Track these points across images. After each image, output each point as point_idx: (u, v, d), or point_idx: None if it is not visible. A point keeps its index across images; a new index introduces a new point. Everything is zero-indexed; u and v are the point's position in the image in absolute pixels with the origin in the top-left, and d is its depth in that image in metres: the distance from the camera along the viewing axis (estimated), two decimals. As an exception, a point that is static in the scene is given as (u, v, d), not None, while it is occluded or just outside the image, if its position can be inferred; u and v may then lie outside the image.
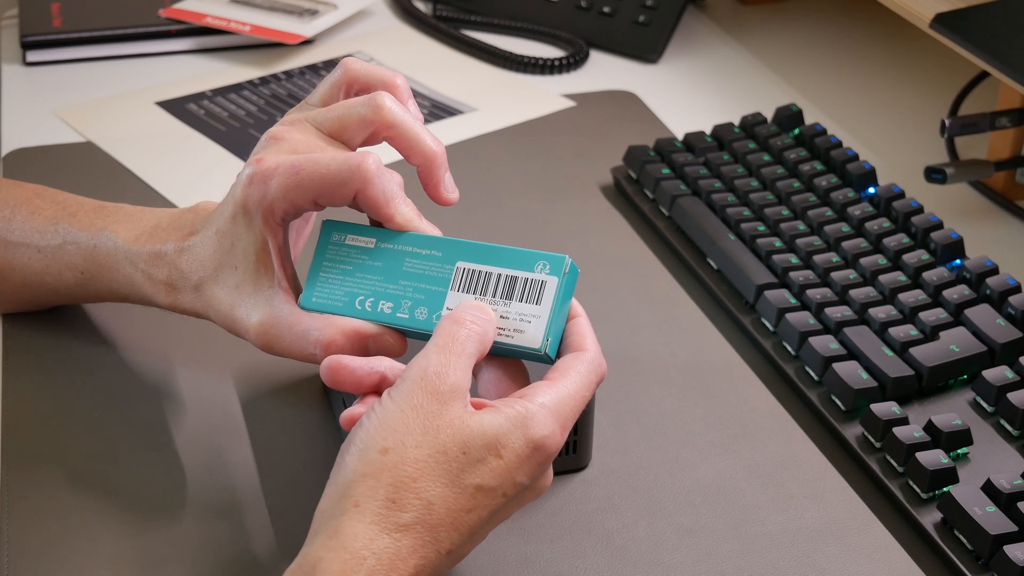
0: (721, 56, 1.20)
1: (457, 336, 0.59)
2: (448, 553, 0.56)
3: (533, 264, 0.63)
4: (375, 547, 0.54)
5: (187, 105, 1.08)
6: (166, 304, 0.70)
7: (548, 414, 0.58)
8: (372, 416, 0.57)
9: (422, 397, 0.57)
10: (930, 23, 0.95)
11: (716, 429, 0.74)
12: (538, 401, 0.59)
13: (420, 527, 0.55)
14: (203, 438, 0.72)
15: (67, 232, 0.74)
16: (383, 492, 0.55)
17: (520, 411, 0.58)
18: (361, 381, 0.61)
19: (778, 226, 0.86)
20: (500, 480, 0.57)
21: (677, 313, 0.83)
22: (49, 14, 1.18)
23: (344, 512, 0.55)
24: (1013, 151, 0.95)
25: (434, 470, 0.56)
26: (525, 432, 0.57)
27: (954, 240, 0.82)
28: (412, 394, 0.57)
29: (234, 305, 0.66)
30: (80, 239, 0.73)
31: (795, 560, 0.65)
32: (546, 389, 0.59)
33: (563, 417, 0.59)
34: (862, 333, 0.76)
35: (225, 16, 1.17)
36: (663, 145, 0.96)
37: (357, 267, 0.65)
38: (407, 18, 1.25)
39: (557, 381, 0.60)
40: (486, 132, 1.05)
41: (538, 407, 0.58)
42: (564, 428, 0.59)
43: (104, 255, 0.72)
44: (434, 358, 0.58)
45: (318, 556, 0.54)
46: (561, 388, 0.60)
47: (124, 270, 0.71)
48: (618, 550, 0.65)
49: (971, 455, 0.69)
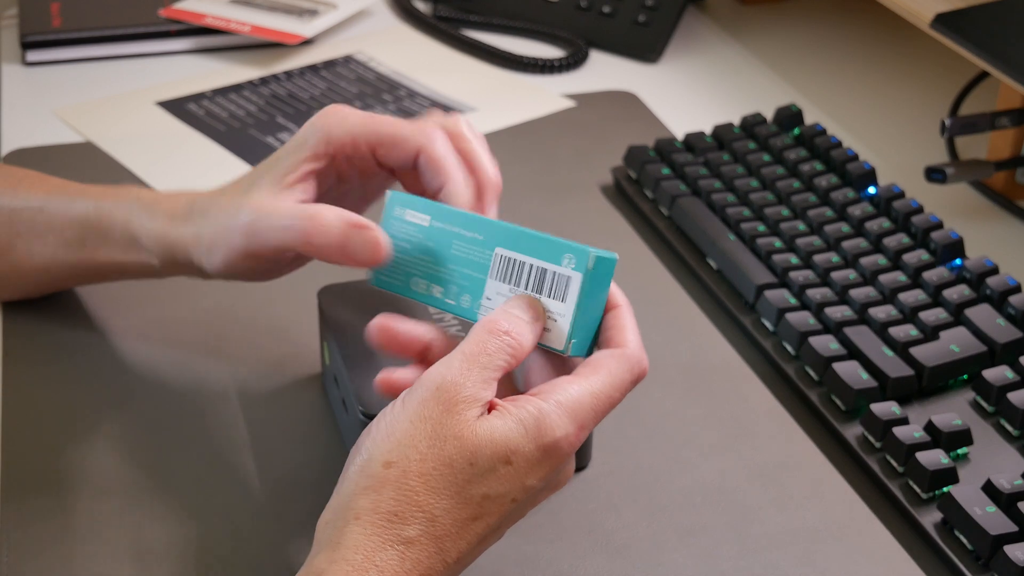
0: (721, 56, 1.20)
1: (487, 348, 0.57)
2: (456, 561, 0.55)
3: (560, 256, 0.59)
4: (378, 560, 0.53)
5: (187, 105, 1.08)
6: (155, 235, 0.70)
7: (563, 413, 0.56)
8: (381, 424, 0.56)
9: (434, 408, 0.55)
10: (930, 23, 0.95)
11: (716, 429, 0.74)
12: (554, 399, 0.56)
13: (424, 539, 0.54)
14: (203, 438, 0.72)
15: (76, 194, 0.75)
16: (385, 506, 0.54)
17: (532, 412, 0.56)
18: (405, 347, 0.60)
19: (778, 226, 0.86)
20: (509, 486, 0.55)
21: (677, 313, 0.83)
22: (49, 14, 1.18)
23: (346, 524, 0.54)
24: (1013, 151, 0.95)
25: (438, 483, 0.54)
26: (537, 435, 0.55)
27: (954, 240, 0.82)
28: (424, 404, 0.55)
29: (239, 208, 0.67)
30: (91, 193, 0.75)
31: (795, 560, 0.65)
32: (566, 386, 0.57)
33: (581, 416, 0.57)
34: (862, 333, 0.76)
35: (225, 16, 1.18)
36: (663, 145, 0.96)
37: (414, 246, 0.64)
38: (407, 18, 1.25)
39: (582, 378, 0.58)
40: (486, 132, 1.04)
41: (553, 406, 0.56)
42: (582, 428, 0.57)
43: (113, 204, 0.73)
44: (456, 367, 0.56)
45: (320, 569, 0.53)
46: (584, 386, 0.57)
47: (125, 212, 0.72)
48: (618, 550, 0.65)
49: (971, 455, 0.69)
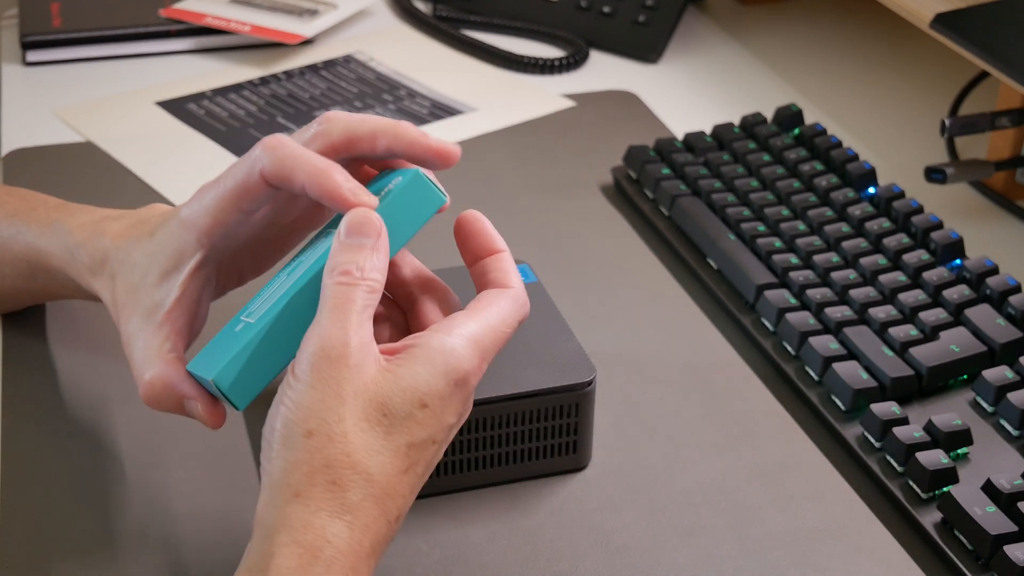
0: (721, 56, 1.20)
1: (347, 296, 0.55)
2: (396, 519, 0.55)
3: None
4: (328, 534, 0.52)
5: (187, 105, 1.08)
6: (86, 288, 0.69)
7: (468, 345, 0.56)
8: (285, 399, 0.54)
9: (328, 368, 0.54)
10: (930, 23, 0.95)
11: (716, 429, 0.74)
12: (456, 333, 0.56)
13: (367, 503, 0.53)
14: (203, 438, 0.72)
15: (21, 225, 0.73)
16: (321, 476, 0.53)
17: (438, 349, 0.55)
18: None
19: (778, 226, 0.86)
20: (430, 429, 0.55)
21: (677, 313, 0.83)
22: (49, 14, 1.18)
23: (287, 503, 0.53)
24: (1013, 151, 0.95)
25: (363, 440, 0.53)
26: (447, 371, 0.55)
27: (954, 240, 0.82)
28: (317, 367, 0.54)
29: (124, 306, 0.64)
30: (31, 230, 0.73)
31: (795, 560, 0.65)
32: (465, 320, 0.57)
33: (483, 348, 0.57)
34: (862, 333, 0.76)
35: (225, 16, 1.18)
36: (663, 145, 0.96)
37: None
38: (407, 18, 1.25)
39: (478, 312, 0.58)
40: (486, 132, 1.05)
41: (457, 339, 0.56)
42: (484, 360, 0.57)
43: (48, 242, 0.71)
44: (327, 324, 0.55)
45: (269, 552, 0.52)
46: (482, 320, 0.57)
47: (59, 254, 0.70)
48: (618, 550, 0.65)
49: (971, 455, 0.69)
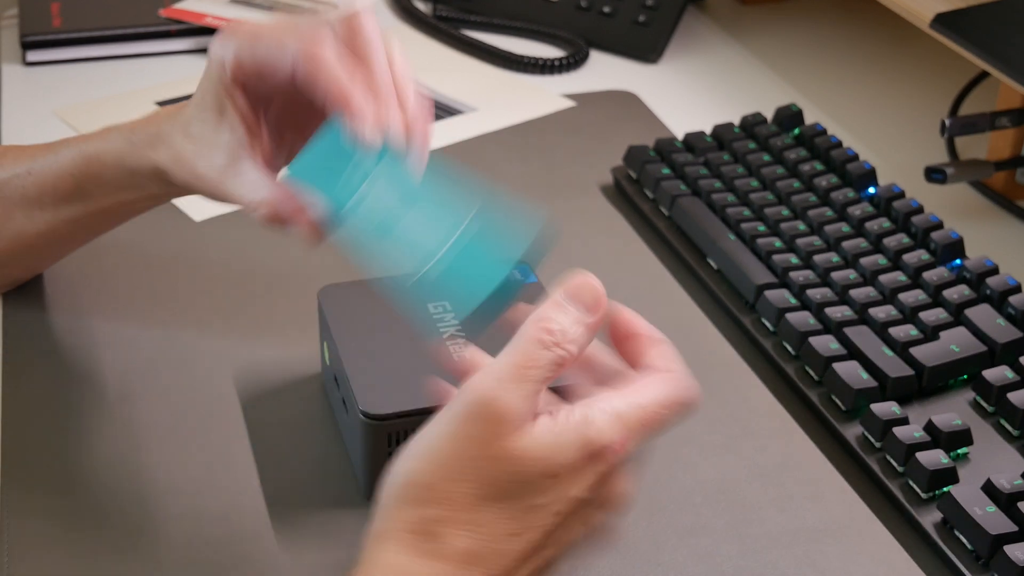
0: (721, 56, 1.20)
1: (536, 360, 0.52)
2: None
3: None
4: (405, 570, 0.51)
5: (187, 105, 1.08)
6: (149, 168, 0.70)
7: (608, 419, 0.52)
8: (421, 439, 0.52)
9: (477, 427, 0.51)
10: (930, 23, 0.95)
11: (716, 429, 0.74)
12: (598, 406, 0.53)
13: (458, 556, 0.51)
14: (203, 438, 0.72)
15: (63, 147, 0.74)
16: (420, 525, 0.51)
17: (578, 420, 0.52)
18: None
19: (778, 226, 0.86)
20: (552, 496, 0.52)
21: (677, 313, 0.83)
22: (49, 14, 1.18)
23: (378, 541, 0.52)
24: (1013, 151, 0.95)
25: (477, 500, 0.51)
26: (582, 443, 0.52)
27: (954, 240, 0.82)
28: (467, 422, 0.51)
29: (197, 155, 0.67)
30: (79, 144, 0.74)
31: (795, 560, 0.65)
32: (611, 395, 0.53)
33: (628, 423, 0.53)
34: (862, 333, 0.76)
35: (225, 16, 1.17)
36: (663, 145, 0.96)
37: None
38: (407, 18, 1.25)
39: (627, 390, 0.54)
40: (486, 132, 1.05)
41: (597, 412, 0.52)
42: (630, 437, 0.53)
43: (102, 142, 0.72)
44: (500, 382, 0.52)
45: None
46: (629, 397, 0.53)
47: (114, 149, 0.71)
48: (618, 550, 0.65)
49: (971, 455, 0.69)
